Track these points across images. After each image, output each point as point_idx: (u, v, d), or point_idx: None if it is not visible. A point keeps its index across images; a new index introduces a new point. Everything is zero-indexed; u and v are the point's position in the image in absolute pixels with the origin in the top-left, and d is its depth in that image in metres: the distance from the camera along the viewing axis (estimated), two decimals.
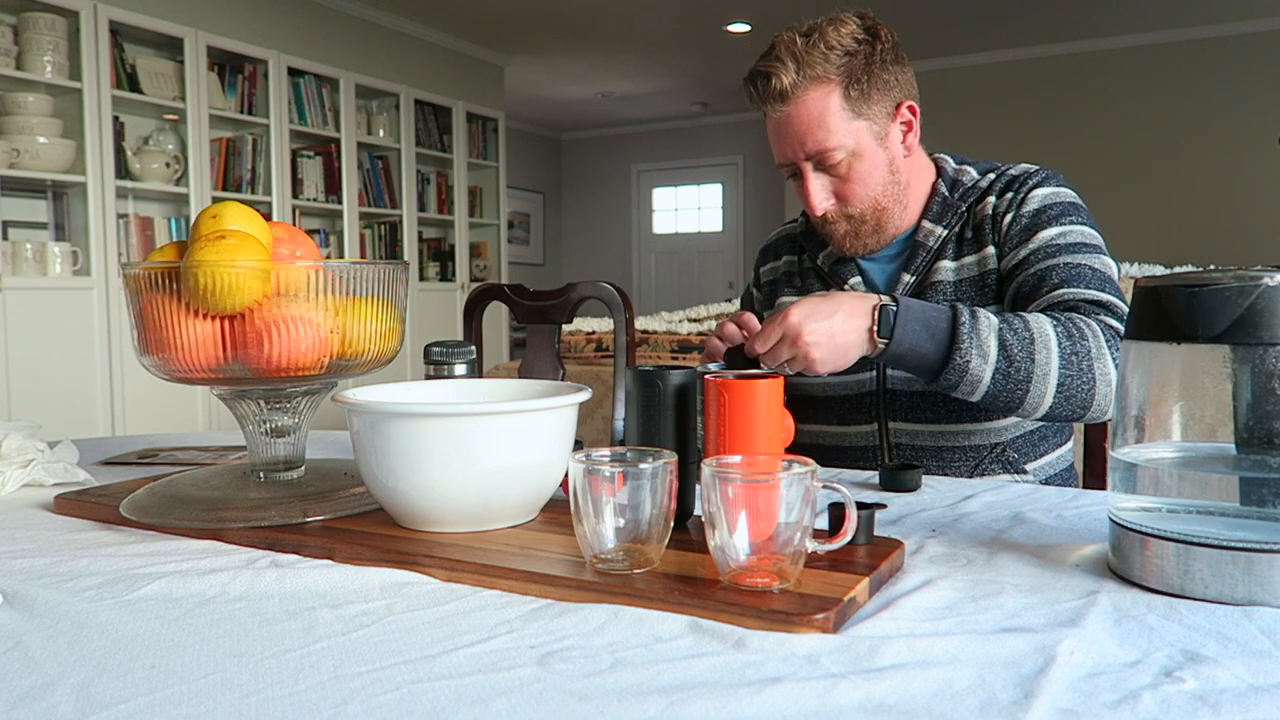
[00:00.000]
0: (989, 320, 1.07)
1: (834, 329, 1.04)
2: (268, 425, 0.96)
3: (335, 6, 5.25)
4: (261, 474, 0.97)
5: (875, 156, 1.25)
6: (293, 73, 4.99)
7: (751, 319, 1.11)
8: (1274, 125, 5.64)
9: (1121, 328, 1.10)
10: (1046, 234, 1.21)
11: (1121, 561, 0.72)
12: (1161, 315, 0.69)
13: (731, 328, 1.13)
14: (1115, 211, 5.64)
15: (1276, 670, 0.55)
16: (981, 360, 1.05)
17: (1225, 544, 0.66)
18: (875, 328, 1.06)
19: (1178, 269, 4.11)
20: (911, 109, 1.27)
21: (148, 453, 1.34)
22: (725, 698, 0.51)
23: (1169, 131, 6.02)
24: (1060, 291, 1.16)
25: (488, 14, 5.65)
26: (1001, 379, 1.06)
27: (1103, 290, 1.15)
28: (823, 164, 1.24)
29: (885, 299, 1.07)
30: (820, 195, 1.26)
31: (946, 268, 1.28)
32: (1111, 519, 0.74)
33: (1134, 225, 5.94)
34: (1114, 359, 1.07)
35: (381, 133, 5.59)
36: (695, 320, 4.17)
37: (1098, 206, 1.52)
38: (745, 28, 6.01)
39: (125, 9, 4.16)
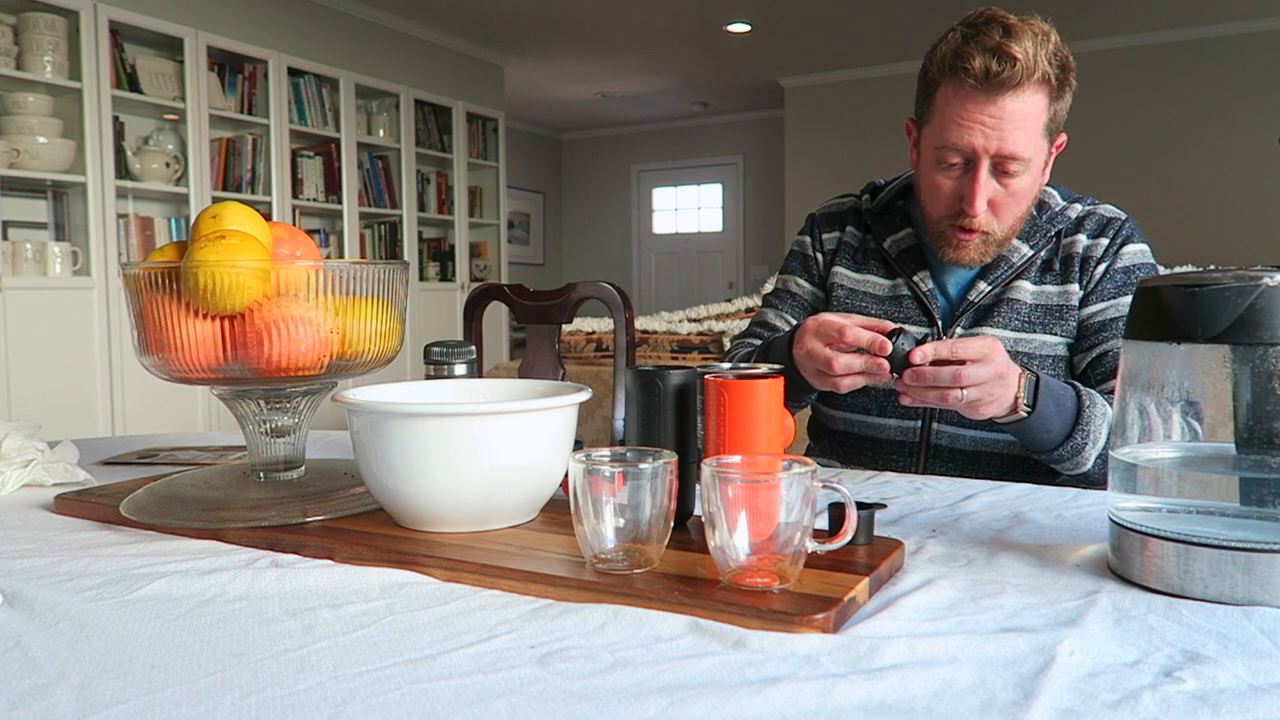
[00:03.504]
0: (1104, 408, 1.10)
1: (1006, 383, 1.00)
2: (268, 425, 0.96)
3: (335, 6, 5.25)
4: (261, 474, 0.97)
5: (1037, 179, 1.21)
6: (293, 73, 4.99)
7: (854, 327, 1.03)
8: (1274, 125, 5.64)
9: None
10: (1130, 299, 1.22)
11: (1121, 561, 0.72)
12: (1161, 315, 0.69)
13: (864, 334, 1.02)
14: None
15: (1276, 670, 0.55)
16: (1093, 446, 1.10)
17: (1225, 544, 0.66)
18: (1020, 394, 1.03)
19: (1178, 269, 4.11)
20: (1061, 143, 1.23)
21: (148, 453, 1.34)
22: (725, 698, 0.51)
23: (1169, 131, 6.02)
24: None
25: (488, 14, 5.65)
26: (1100, 463, 1.11)
27: None
28: (1000, 167, 1.16)
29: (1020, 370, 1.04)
30: (984, 197, 1.18)
31: (1026, 288, 1.27)
32: (1111, 519, 0.74)
33: None
34: None
35: (381, 133, 5.59)
36: (695, 320, 4.17)
37: None
38: (745, 28, 6.01)
39: (125, 9, 4.16)
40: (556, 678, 0.54)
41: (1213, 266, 4.31)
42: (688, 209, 9.00)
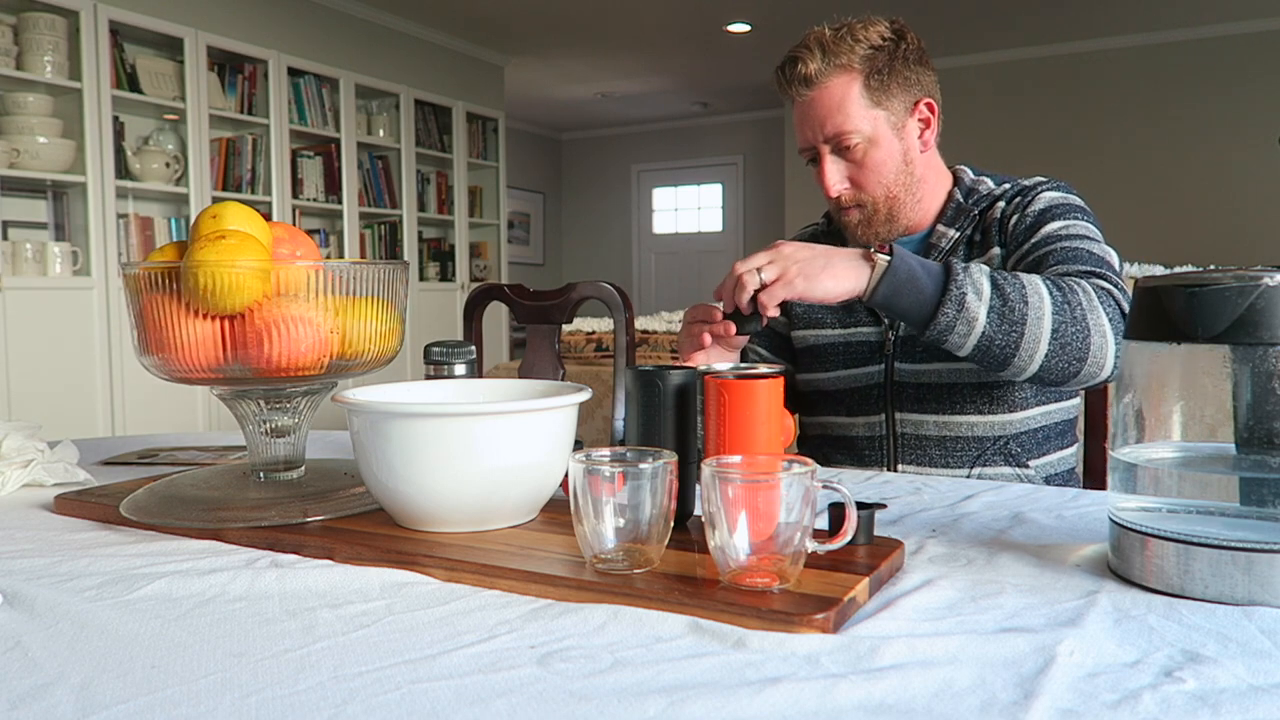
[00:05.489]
0: (979, 265, 1.10)
1: (824, 253, 1.08)
2: (268, 425, 0.96)
3: (335, 6, 5.25)
4: (261, 474, 0.97)
5: (890, 146, 1.30)
6: (293, 73, 4.99)
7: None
8: (1274, 125, 5.64)
9: (1117, 292, 1.13)
10: (1050, 228, 1.26)
11: (1121, 561, 0.72)
12: (1161, 315, 0.69)
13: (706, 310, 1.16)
14: (1115, 211, 5.64)
15: (1276, 670, 0.55)
16: (976, 296, 1.06)
17: (1225, 544, 0.66)
18: (873, 251, 1.08)
19: (1178, 269, 4.11)
20: (930, 106, 1.33)
21: (148, 453, 1.34)
22: (725, 698, 0.51)
23: (1169, 131, 6.02)
24: (1056, 268, 1.19)
25: (488, 14, 5.65)
26: (997, 318, 1.06)
27: (1099, 266, 1.18)
28: (840, 148, 1.30)
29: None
30: (835, 177, 1.31)
31: None
32: (1111, 519, 0.74)
33: (1134, 225, 5.94)
34: (1108, 316, 1.08)
35: (381, 133, 5.59)
36: None
37: (1097, 206, 1.53)
38: (745, 28, 6.01)
39: (125, 9, 4.16)
40: (556, 678, 0.54)
41: (1213, 266, 4.31)
42: (688, 209, 9.00)
